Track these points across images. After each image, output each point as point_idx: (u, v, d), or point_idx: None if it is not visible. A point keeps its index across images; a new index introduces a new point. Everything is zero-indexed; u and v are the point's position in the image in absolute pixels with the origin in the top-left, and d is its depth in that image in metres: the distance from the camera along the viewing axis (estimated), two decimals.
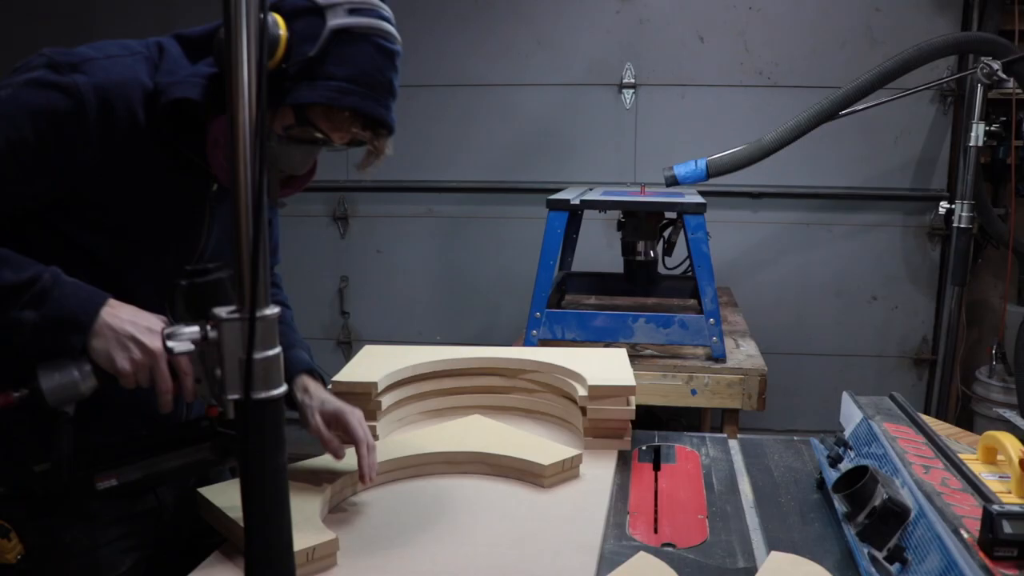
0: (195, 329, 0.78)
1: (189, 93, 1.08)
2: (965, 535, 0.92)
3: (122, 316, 1.02)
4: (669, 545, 1.14)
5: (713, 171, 2.61)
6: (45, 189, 1.07)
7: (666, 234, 2.54)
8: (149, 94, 1.09)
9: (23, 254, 1.04)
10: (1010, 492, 1.07)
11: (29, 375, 0.98)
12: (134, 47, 1.13)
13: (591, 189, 2.77)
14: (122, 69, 1.08)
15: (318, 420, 1.25)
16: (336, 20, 1.07)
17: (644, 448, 1.51)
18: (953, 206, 2.75)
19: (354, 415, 1.26)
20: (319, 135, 1.13)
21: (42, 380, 0.97)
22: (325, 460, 1.31)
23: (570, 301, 2.80)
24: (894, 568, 0.95)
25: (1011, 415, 2.72)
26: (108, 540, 1.18)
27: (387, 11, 1.14)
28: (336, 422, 1.25)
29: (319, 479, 1.23)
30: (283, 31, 1.05)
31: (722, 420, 2.28)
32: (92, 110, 1.04)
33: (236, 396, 0.69)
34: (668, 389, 2.17)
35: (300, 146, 1.15)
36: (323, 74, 1.08)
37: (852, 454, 1.26)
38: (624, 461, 1.45)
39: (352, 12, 1.09)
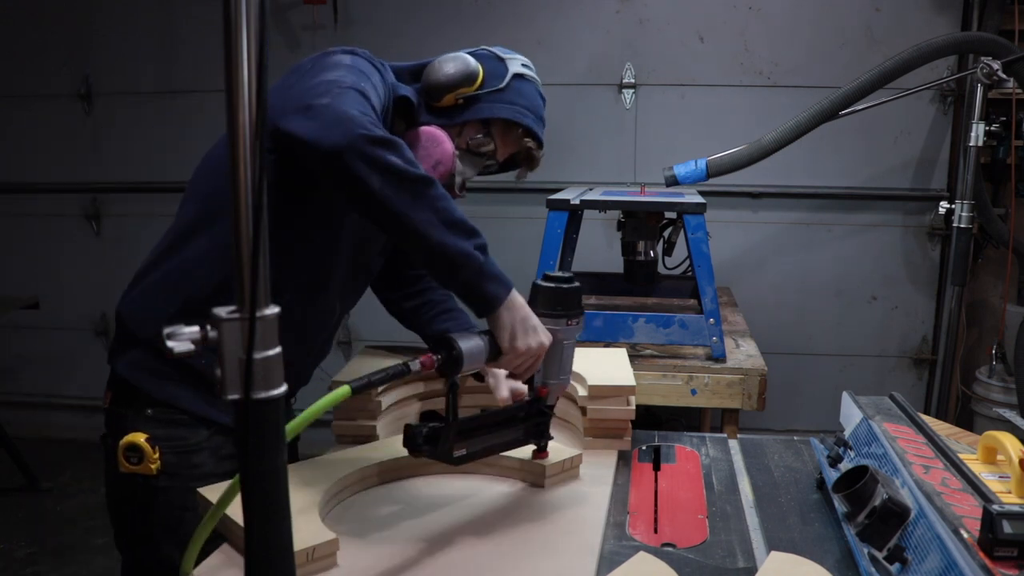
0: (195, 329, 0.78)
1: (407, 92, 1.41)
2: (965, 535, 0.92)
3: (524, 304, 1.24)
4: (669, 545, 1.14)
5: (713, 171, 2.61)
6: None
7: (666, 234, 2.54)
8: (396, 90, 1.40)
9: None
10: (1010, 492, 1.07)
11: (441, 344, 1.14)
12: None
13: (591, 189, 2.76)
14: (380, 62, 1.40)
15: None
16: (515, 69, 1.49)
17: (644, 448, 1.51)
18: (953, 206, 2.75)
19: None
20: (489, 150, 1.48)
21: (461, 344, 1.14)
22: (325, 460, 1.32)
23: None
24: (894, 568, 0.95)
25: (1011, 415, 2.72)
26: (225, 472, 1.31)
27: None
28: None
29: (319, 479, 1.23)
30: (481, 68, 1.44)
31: (722, 420, 2.28)
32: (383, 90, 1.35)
33: (236, 396, 0.69)
34: (668, 389, 2.17)
35: (472, 158, 1.48)
36: (508, 100, 1.47)
37: (852, 454, 1.26)
38: (624, 461, 1.45)
39: (523, 66, 1.51)
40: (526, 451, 1.35)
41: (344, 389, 0.99)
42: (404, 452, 1.35)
